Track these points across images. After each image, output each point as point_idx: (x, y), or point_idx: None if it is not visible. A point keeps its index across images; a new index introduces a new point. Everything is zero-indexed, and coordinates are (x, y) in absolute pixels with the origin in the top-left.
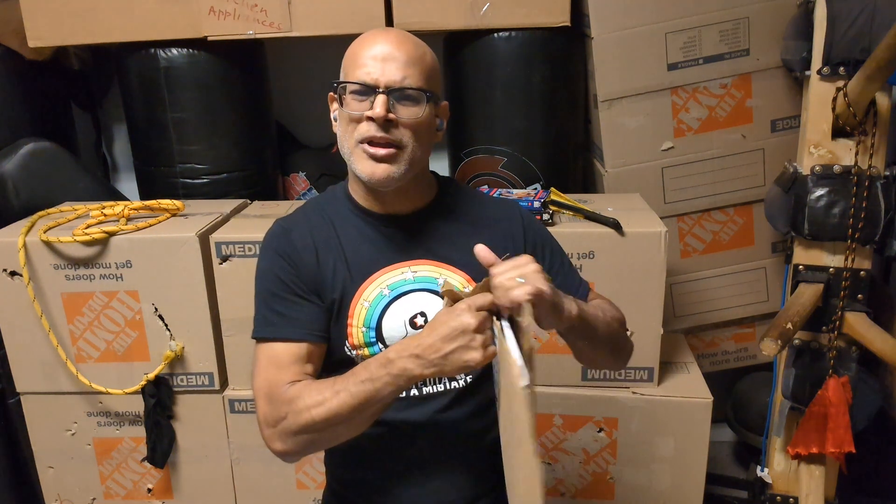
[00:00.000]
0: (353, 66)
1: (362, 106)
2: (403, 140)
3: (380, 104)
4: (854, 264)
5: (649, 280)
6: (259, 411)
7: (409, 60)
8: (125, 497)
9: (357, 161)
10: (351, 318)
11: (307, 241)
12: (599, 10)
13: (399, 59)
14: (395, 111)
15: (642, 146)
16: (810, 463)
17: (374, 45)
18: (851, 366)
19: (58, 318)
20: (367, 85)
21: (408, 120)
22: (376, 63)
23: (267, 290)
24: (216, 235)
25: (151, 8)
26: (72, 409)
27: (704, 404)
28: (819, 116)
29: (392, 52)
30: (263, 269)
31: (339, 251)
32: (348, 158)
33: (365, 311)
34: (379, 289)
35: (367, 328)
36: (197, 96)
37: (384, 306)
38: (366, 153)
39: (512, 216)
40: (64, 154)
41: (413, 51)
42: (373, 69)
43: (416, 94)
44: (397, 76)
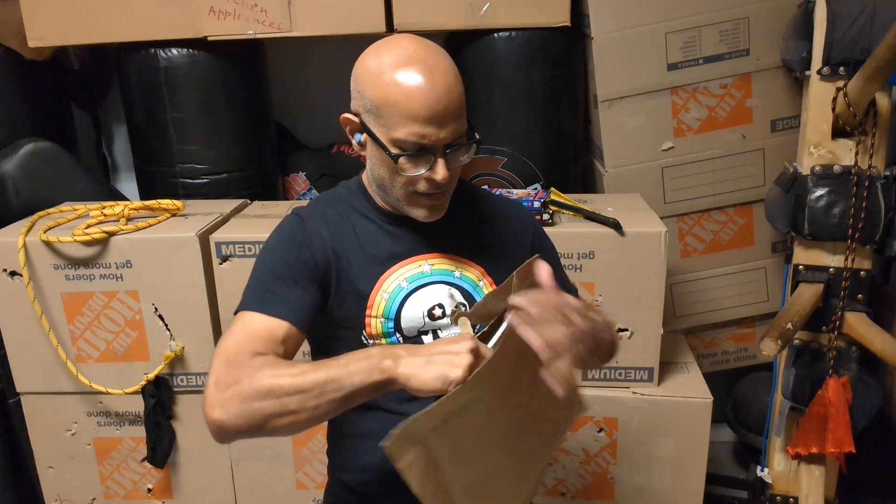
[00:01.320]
0: (402, 118)
1: (419, 165)
2: (452, 183)
3: (442, 170)
4: (854, 264)
5: (649, 280)
6: (212, 373)
7: (460, 107)
8: (125, 497)
9: (410, 205)
10: (370, 309)
11: (321, 231)
12: (599, 10)
13: (453, 112)
14: (449, 163)
15: (642, 146)
16: (810, 463)
17: (426, 97)
18: (851, 366)
19: (58, 318)
20: (425, 147)
21: (457, 165)
22: (433, 121)
23: (265, 268)
24: (216, 235)
25: (151, 8)
26: (72, 409)
27: (704, 404)
28: (819, 116)
29: (446, 106)
30: (269, 248)
31: (356, 244)
32: (397, 202)
33: (385, 301)
34: (398, 281)
35: (385, 318)
36: (197, 96)
37: (403, 298)
38: (423, 201)
39: (520, 215)
40: (64, 154)
41: (459, 93)
42: (430, 130)
43: (467, 141)
44: (454, 132)
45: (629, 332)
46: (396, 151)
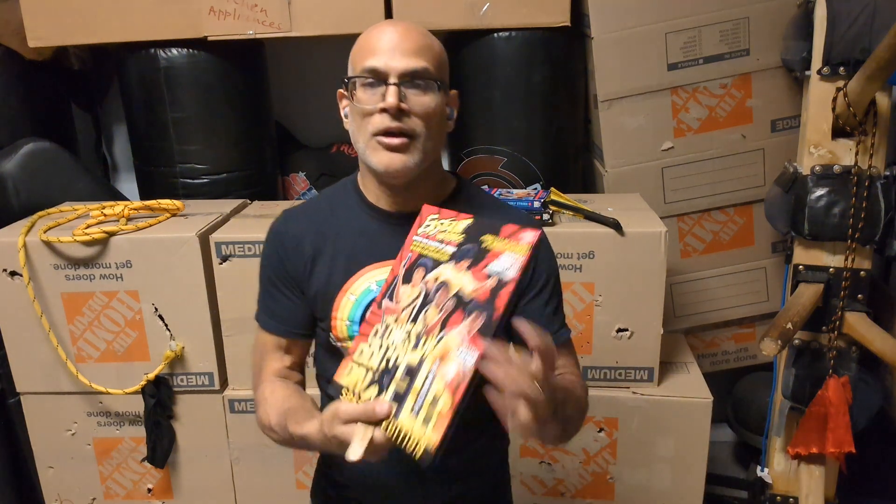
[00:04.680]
0: (361, 58)
1: (374, 98)
2: (416, 130)
3: (392, 94)
4: (854, 264)
5: (649, 280)
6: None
7: (419, 49)
8: (125, 497)
9: (372, 154)
10: (336, 311)
11: (302, 233)
12: (599, 10)
13: (408, 47)
14: (407, 101)
15: (642, 146)
16: (810, 463)
17: (381, 36)
18: (851, 366)
19: (58, 318)
20: (378, 75)
21: (420, 109)
22: (385, 53)
23: (261, 279)
24: (216, 235)
25: (151, 8)
26: (72, 409)
27: (704, 404)
28: (819, 116)
29: (401, 41)
30: (261, 259)
31: (333, 243)
32: (363, 154)
33: (350, 304)
34: (368, 283)
35: (350, 322)
36: (197, 96)
37: (370, 301)
38: (381, 145)
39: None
40: (64, 154)
41: (422, 39)
42: (382, 59)
43: (427, 82)
44: (407, 65)
45: (629, 332)
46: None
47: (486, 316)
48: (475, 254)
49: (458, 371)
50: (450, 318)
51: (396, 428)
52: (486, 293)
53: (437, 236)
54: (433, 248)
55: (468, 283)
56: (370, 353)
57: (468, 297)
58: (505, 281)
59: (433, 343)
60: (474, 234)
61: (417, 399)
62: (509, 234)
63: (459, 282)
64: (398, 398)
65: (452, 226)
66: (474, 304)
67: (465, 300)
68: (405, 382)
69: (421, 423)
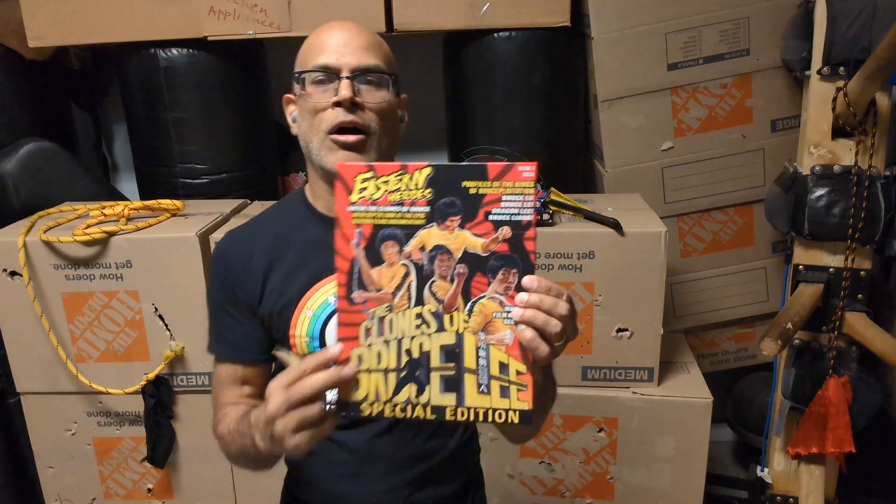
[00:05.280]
0: (311, 56)
1: (326, 95)
2: (371, 125)
3: (345, 87)
4: (854, 264)
5: (649, 280)
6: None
7: (370, 45)
8: (125, 497)
9: (326, 154)
10: (293, 329)
11: (249, 252)
12: (599, 10)
13: (360, 44)
14: (360, 96)
15: (642, 146)
16: (810, 463)
17: (331, 34)
18: (851, 366)
19: (58, 318)
20: (330, 69)
21: (374, 104)
22: (337, 49)
23: (209, 307)
24: (216, 235)
25: (151, 8)
26: (72, 409)
27: (704, 404)
28: (819, 116)
29: (351, 38)
30: (207, 284)
31: (285, 261)
32: (316, 156)
33: (308, 320)
34: (325, 296)
35: (310, 338)
36: (197, 96)
37: (328, 314)
38: (336, 143)
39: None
40: (64, 154)
41: (372, 38)
42: (334, 55)
43: (379, 76)
44: (360, 60)
45: (629, 331)
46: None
47: (519, 267)
48: (463, 206)
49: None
50: (471, 284)
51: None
52: (505, 245)
53: (388, 199)
54: (391, 214)
55: (473, 240)
56: (376, 353)
57: (483, 255)
58: (523, 224)
59: (463, 316)
60: (447, 184)
61: (480, 376)
62: (500, 174)
63: (460, 242)
64: (451, 384)
65: (405, 181)
66: (496, 260)
67: (480, 260)
68: (451, 366)
69: (498, 396)
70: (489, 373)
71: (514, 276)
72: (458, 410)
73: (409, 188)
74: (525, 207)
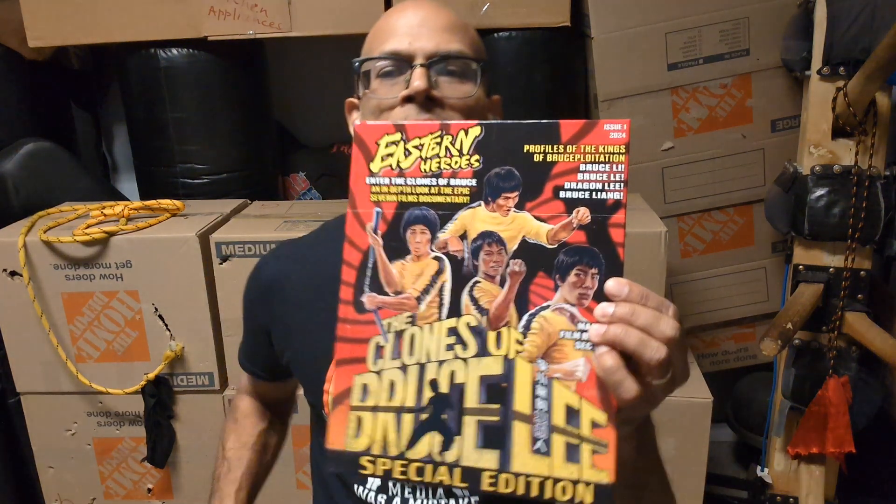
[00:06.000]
0: (377, 43)
1: (395, 89)
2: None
3: (419, 76)
4: (854, 264)
5: (649, 280)
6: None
7: (451, 26)
8: (125, 497)
9: None
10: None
11: (286, 274)
12: (599, 10)
13: (439, 25)
14: (439, 89)
15: (642, 146)
16: (810, 463)
17: (403, 14)
18: (851, 366)
19: (58, 318)
20: (401, 56)
21: (456, 100)
22: (410, 32)
23: (244, 322)
24: (216, 235)
25: (151, 8)
26: (72, 409)
27: (704, 404)
28: (819, 116)
29: (427, 17)
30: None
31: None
32: None
33: None
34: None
35: None
36: (197, 96)
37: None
38: None
39: None
40: (64, 154)
41: (453, 18)
42: (406, 40)
43: (464, 65)
44: (439, 45)
45: None
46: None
47: (601, 264)
48: (523, 179)
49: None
50: (529, 289)
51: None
52: (581, 233)
53: (420, 168)
54: (423, 188)
55: (535, 226)
56: (387, 384)
57: (549, 247)
58: (608, 205)
59: (517, 335)
60: (502, 149)
61: (537, 427)
62: (578, 134)
63: (517, 228)
64: (493, 436)
65: (445, 145)
66: (568, 254)
67: (545, 254)
68: (495, 408)
69: (562, 459)
70: (550, 422)
71: (593, 278)
72: (500, 478)
73: (449, 154)
74: (613, 181)
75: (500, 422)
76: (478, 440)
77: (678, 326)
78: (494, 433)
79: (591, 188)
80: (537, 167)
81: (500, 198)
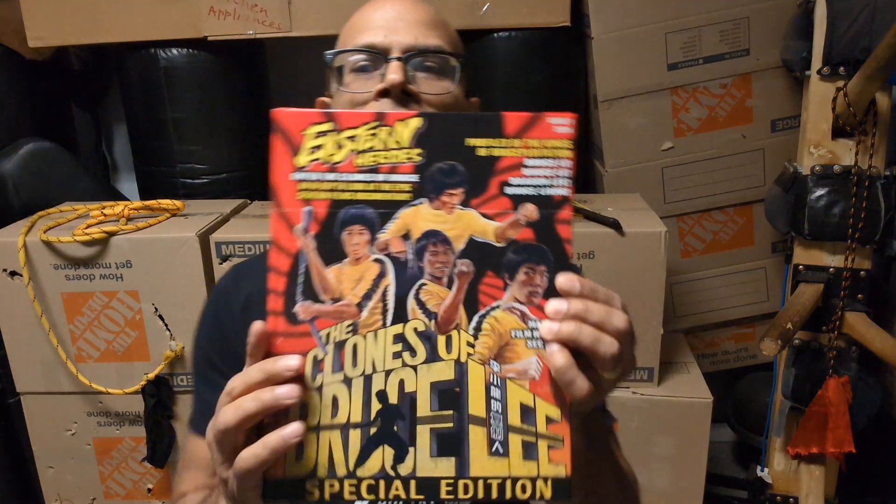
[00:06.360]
0: (351, 37)
1: (369, 83)
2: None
3: (395, 69)
4: (854, 264)
5: (649, 280)
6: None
7: (429, 21)
8: (125, 497)
9: None
10: None
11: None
12: (599, 10)
13: (415, 18)
14: (416, 84)
15: (642, 146)
16: (810, 463)
17: (379, 8)
18: (851, 366)
19: (58, 318)
20: (376, 49)
21: (433, 96)
22: (385, 25)
23: (195, 367)
24: (216, 235)
25: (151, 8)
26: (72, 409)
27: (704, 404)
28: (819, 116)
29: (404, 10)
30: (194, 337)
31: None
32: None
33: None
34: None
35: None
36: (197, 96)
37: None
38: None
39: None
40: (64, 154)
41: (431, 12)
42: (381, 32)
43: (442, 61)
44: (416, 39)
45: None
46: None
47: (550, 261)
48: (468, 174)
49: (546, 359)
50: (478, 289)
51: (478, 484)
52: (529, 230)
53: (354, 163)
54: (359, 184)
55: (481, 224)
56: (329, 400)
57: (496, 245)
58: (554, 201)
59: (467, 337)
60: (444, 142)
61: (493, 429)
62: (523, 127)
63: (463, 227)
64: (449, 443)
65: (382, 137)
66: (516, 252)
67: (492, 253)
68: (449, 414)
69: (520, 458)
70: (506, 423)
71: (542, 276)
72: (458, 484)
73: (387, 147)
74: (559, 177)
75: (455, 428)
76: (432, 449)
77: (628, 319)
78: (450, 440)
79: (537, 184)
80: (482, 162)
81: (443, 194)
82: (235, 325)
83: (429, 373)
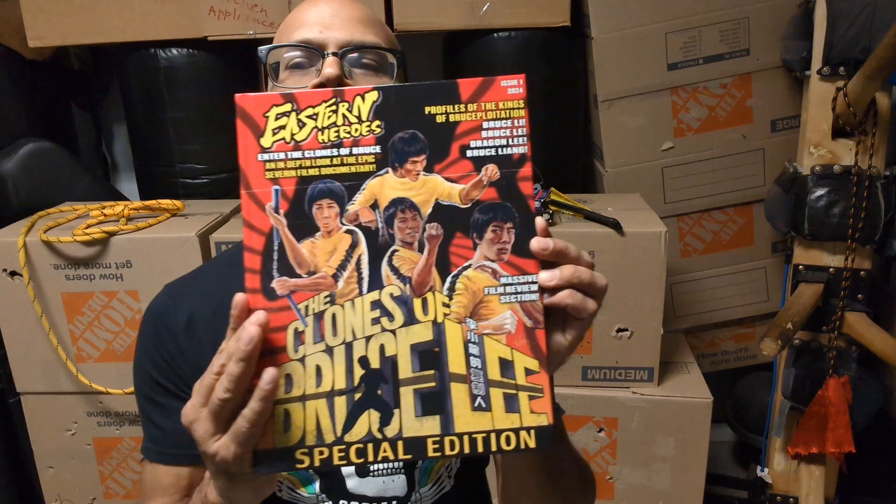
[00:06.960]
0: (288, 34)
1: (305, 80)
2: None
3: (331, 63)
4: (854, 264)
5: (649, 280)
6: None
7: (365, 19)
8: (125, 497)
9: None
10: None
11: (193, 313)
12: (599, 10)
13: (351, 15)
14: (353, 80)
15: (642, 146)
16: (810, 463)
17: (314, 6)
18: (851, 366)
19: (58, 318)
20: (311, 45)
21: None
22: (321, 22)
23: (140, 393)
24: (216, 235)
25: (151, 8)
26: (72, 409)
27: (704, 404)
28: (819, 116)
29: (340, 7)
30: (135, 362)
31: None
32: None
33: None
34: None
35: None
36: (197, 96)
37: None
38: None
39: None
40: (64, 154)
41: (367, 11)
42: (316, 28)
43: (379, 57)
44: (353, 35)
45: (629, 331)
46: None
47: (515, 218)
48: (428, 141)
49: (520, 313)
50: (449, 251)
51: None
52: (492, 190)
53: (318, 139)
54: (324, 160)
55: (446, 187)
56: (313, 370)
57: (462, 206)
58: (514, 160)
59: (442, 298)
60: (403, 112)
61: (474, 384)
62: (477, 92)
63: (429, 192)
64: (432, 402)
65: (342, 112)
66: (482, 212)
67: (459, 214)
68: (430, 374)
69: (502, 410)
70: (486, 377)
71: (509, 232)
72: (444, 441)
73: (347, 122)
74: (516, 136)
75: (438, 387)
76: (416, 409)
77: (603, 276)
78: (433, 399)
79: (495, 145)
80: (441, 128)
81: (407, 162)
82: (179, 346)
83: (408, 335)
